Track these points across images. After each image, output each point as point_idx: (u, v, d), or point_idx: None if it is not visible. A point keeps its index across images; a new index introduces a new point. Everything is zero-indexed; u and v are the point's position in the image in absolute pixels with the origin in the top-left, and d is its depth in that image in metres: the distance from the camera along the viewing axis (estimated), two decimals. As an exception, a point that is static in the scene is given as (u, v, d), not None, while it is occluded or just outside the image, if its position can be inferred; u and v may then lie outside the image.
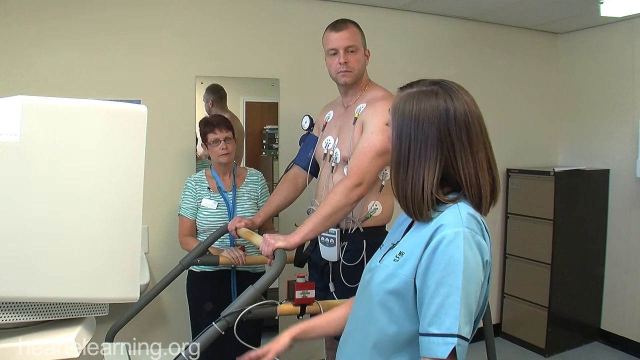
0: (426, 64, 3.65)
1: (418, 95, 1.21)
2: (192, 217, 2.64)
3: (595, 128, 4.03)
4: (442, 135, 1.16)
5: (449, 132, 1.16)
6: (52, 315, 1.19)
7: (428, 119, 1.17)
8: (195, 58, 3.05)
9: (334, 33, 2.21)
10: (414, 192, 1.18)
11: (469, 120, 1.18)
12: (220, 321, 1.56)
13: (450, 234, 1.11)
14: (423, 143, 1.18)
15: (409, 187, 1.19)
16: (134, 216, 1.25)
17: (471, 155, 1.17)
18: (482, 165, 1.19)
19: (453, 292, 1.09)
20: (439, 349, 1.08)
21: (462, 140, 1.17)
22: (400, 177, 1.21)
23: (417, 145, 1.18)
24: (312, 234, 2.00)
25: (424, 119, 1.18)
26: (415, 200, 1.19)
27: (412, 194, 1.19)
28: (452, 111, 1.17)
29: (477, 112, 1.20)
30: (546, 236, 3.74)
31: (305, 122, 2.56)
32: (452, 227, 1.12)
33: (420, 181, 1.17)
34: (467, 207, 1.17)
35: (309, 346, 3.06)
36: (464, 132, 1.17)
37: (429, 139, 1.17)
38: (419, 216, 1.20)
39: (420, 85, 1.23)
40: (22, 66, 2.65)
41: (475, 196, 1.19)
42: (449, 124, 1.16)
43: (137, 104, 1.27)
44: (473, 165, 1.17)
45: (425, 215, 1.18)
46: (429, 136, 1.17)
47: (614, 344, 3.89)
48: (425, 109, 1.18)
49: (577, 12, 3.59)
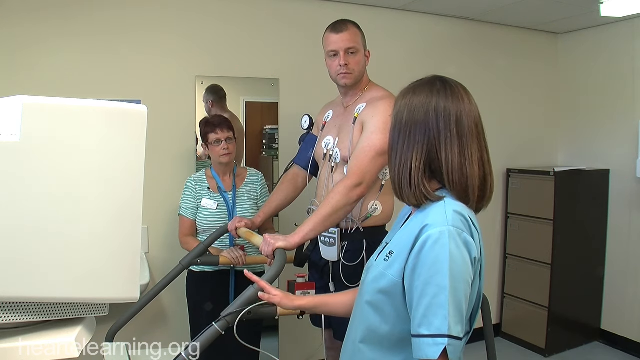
0: (426, 64, 3.64)
1: (418, 86, 1.25)
2: (192, 217, 2.63)
3: (596, 128, 4.03)
4: (431, 122, 1.19)
5: (437, 119, 1.19)
6: (52, 315, 1.19)
7: (422, 105, 1.21)
8: (196, 58, 3.05)
9: (334, 34, 2.20)
10: (402, 175, 1.21)
11: (461, 113, 1.20)
12: (221, 321, 1.56)
13: (435, 234, 1.12)
14: (412, 127, 1.21)
15: (398, 171, 1.22)
16: (134, 216, 1.25)
17: (458, 147, 1.18)
18: (472, 158, 1.19)
19: (440, 292, 1.09)
20: (430, 350, 1.09)
21: (451, 129, 1.19)
22: (392, 162, 1.25)
23: (407, 129, 1.21)
24: (312, 233, 2.00)
25: (416, 105, 1.21)
26: (403, 184, 1.21)
27: (401, 177, 1.22)
28: (444, 101, 1.20)
29: (475, 111, 1.22)
30: (546, 236, 3.74)
31: (305, 122, 2.56)
32: (437, 226, 1.13)
33: (408, 164, 1.20)
34: (453, 204, 1.17)
35: (309, 346, 3.07)
36: (454, 122, 1.19)
37: (418, 124, 1.20)
38: (408, 199, 1.22)
39: (421, 81, 1.27)
40: (22, 66, 2.65)
41: (457, 186, 1.19)
42: (438, 110, 1.19)
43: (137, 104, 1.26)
44: (459, 156, 1.18)
45: (416, 199, 1.20)
46: (418, 121, 1.20)
47: (614, 344, 3.89)
48: (419, 97, 1.22)
49: (577, 12, 3.59)
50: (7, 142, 1.06)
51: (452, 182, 1.19)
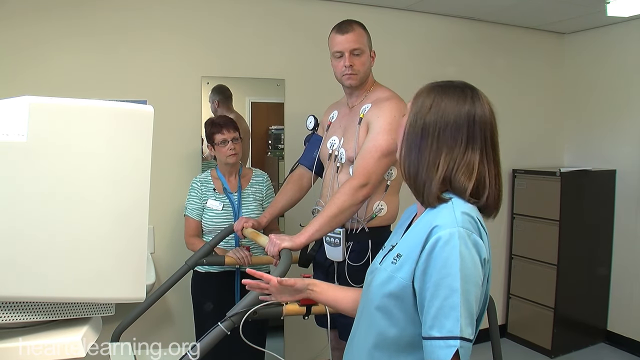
0: (432, 64, 3.64)
1: (446, 87, 1.23)
2: (198, 217, 2.64)
3: (602, 128, 4.01)
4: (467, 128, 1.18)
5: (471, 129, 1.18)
6: (59, 315, 1.20)
7: (452, 109, 1.19)
8: (201, 58, 3.06)
9: (340, 35, 2.20)
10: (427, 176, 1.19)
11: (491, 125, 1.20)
12: (226, 321, 1.56)
13: (445, 235, 1.11)
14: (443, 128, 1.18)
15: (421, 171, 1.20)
16: (140, 216, 1.25)
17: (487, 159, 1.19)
18: (498, 170, 1.21)
19: (452, 293, 1.08)
20: (442, 352, 1.08)
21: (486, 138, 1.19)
22: (412, 157, 1.22)
23: (436, 129, 1.19)
24: (318, 234, 2.01)
25: (447, 107, 1.19)
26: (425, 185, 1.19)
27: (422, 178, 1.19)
28: (479, 110, 1.19)
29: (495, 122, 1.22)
30: (552, 237, 3.73)
31: (310, 122, 2.56)
32: (446, 227, 1.12)
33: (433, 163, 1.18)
34: (461, 205, 1.16)
35: (314, 346, 3.07)
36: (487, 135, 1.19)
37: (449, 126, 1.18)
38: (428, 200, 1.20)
39: (448, 82, 1.25)
40: (27, 67, 2.66)
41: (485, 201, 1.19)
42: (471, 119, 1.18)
43: (143, 104, 1.27)
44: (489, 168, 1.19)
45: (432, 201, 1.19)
46: (448, 124, 1.18)
47: (620, 345, 3.87)
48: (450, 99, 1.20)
49: (583, 12, 3.57)
50: (14, 142, 1.06)
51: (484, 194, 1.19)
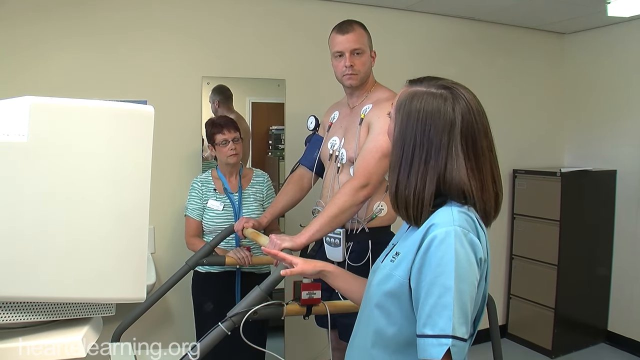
0: (432, 64, 3.64)
1: (426, 97, 1.19)
2: (199, 217, 2.64)
3: (602, 129, 4.01)
4: (449, 144, 1.15)
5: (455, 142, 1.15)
6: (60, 315, 1.20)
7: (435, 126, 1.16)
8: (202, 59, 3.06)
9: (340, 35, 2.20)
10: (416, 198, 1.17)
11: (476, 131, 1.17)
12: (227, 321, 1.56)
13: (442, 233, 1.11)
14: (429, 149, 1.16)
15: (411, 192, 1.18)
16: (140, 216, 1.24)
17: (477, 168, 1.17)
18: (487, 178, 1.18)
19: (445, 292, 1.08)
20: (433, 350, 1.08)
21: (468, 153, 1.16)
22: (400, 178, 1.20)
23: (423, 151, 1.16)
24: (318, 234, 2.00)
25: (430, 124, 1.16)
26: (416, 206, 1.17)
27: (414, 199, 1.17)
28: (460, 120, 1.15)
29: (485, 123, 1.19)
30: (553, 237, 3.72)
31: (311, 123, 2.56)
32: (443, 226, 1.12)
33: (422, 187, 1.16)
34: (458, 205, 1.17)
35: (315, 347, 3.07)
36: (470, 143, 1.16)
37: (434, 146, 1.16)
38: (415, 221, 1.19)
39: (429, 85, 1.21)
40: (29, 67, 2.67)
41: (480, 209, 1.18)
42: (454, 132, 1.15)
43: (143, 104, 1.26)
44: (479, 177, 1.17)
45: (422, 221, 1.17)
46: (433, 143, 1.16)
47: (620, 345, 3.87)
48: (432, 114, 1.16)
49: (583, 12, 3.57)
50: (15, 142, 1.06)
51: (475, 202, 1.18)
